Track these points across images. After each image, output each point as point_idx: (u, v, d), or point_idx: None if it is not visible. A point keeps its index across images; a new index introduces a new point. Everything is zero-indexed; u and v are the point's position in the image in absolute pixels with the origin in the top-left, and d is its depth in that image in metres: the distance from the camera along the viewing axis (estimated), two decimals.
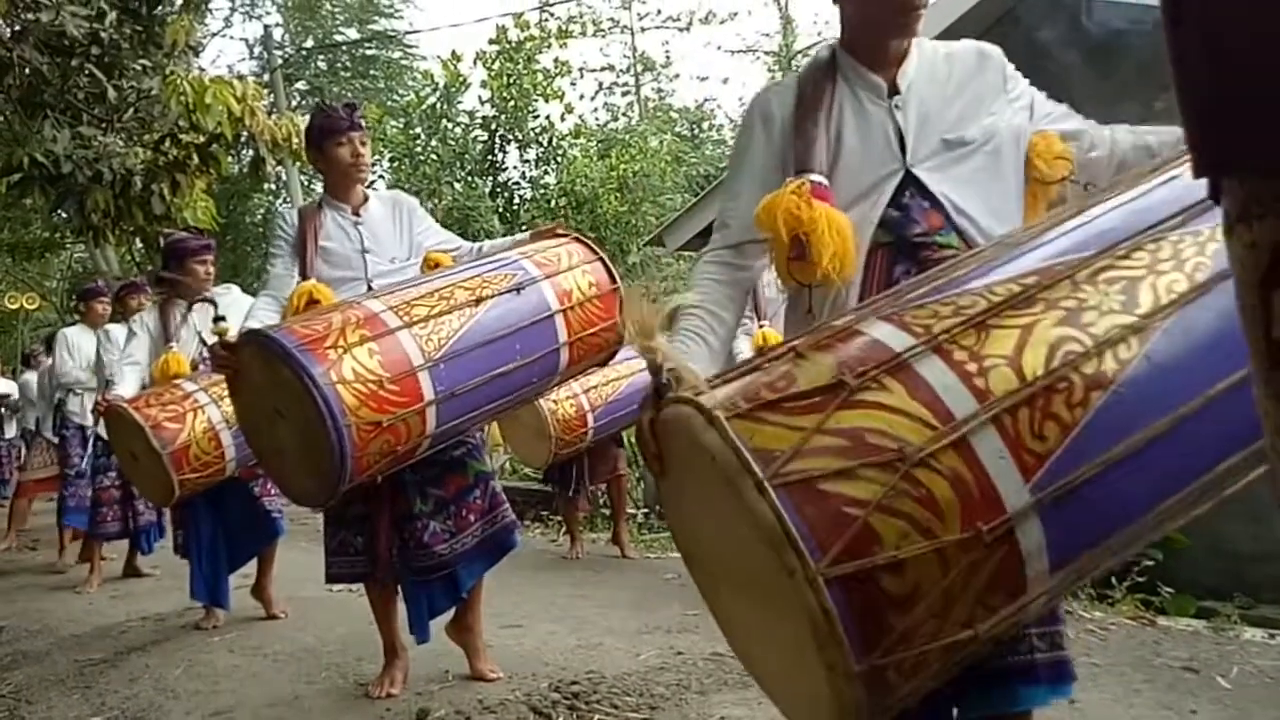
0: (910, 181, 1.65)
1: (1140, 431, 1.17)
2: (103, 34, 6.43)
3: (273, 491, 4.40)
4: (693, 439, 1.20)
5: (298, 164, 8.87)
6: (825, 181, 1.62)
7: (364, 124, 3.16)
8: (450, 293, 2.81)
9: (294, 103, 17.22)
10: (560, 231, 3.16)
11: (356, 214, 3.15)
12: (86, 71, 6.72)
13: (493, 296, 2.82)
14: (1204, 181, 0.59)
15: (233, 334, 3.10)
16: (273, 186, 15.86)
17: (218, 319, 4.17)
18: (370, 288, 3.07)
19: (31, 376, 9.11)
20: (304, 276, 3.05)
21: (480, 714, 2.83)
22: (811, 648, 1.10)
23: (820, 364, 1.23)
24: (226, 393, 3.99)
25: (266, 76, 14.67)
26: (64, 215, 7.56)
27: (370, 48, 18.39)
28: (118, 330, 5.84)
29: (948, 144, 1.66)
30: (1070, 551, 1.17)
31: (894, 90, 1.70)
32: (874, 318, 1.30)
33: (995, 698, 1.55)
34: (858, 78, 1.72)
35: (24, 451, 8.97)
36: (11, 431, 10.65)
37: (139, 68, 6.92)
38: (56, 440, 7.07)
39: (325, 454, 2.47)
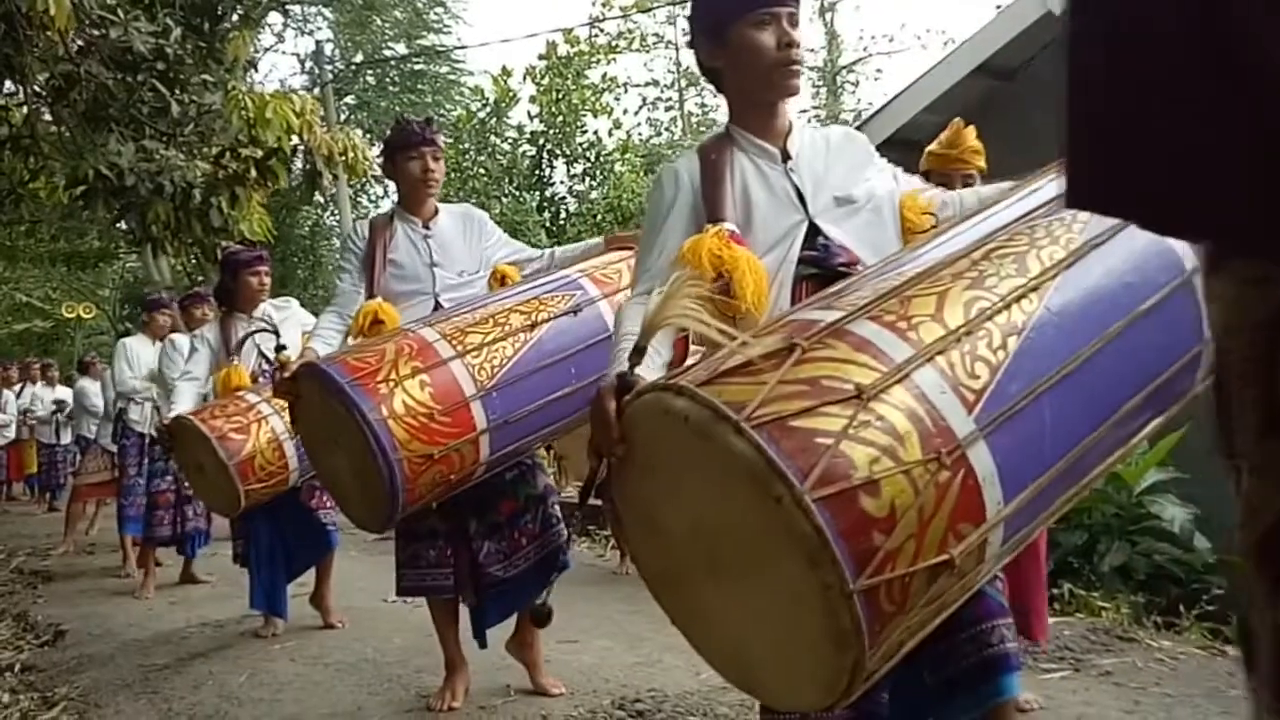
0: (817, 231, 1.84)
1: (1057, 366, 1.35)
2: (167, 50, 6.56)
3: (328, 504, 4.44)
4: (663, 411, 1.31)
5: (348, 177, 8.97)
6: (737, 230, 1.80)
7: (438, 140, 3.20)
8: (505, 318, 2.82)
9: (343, 117, 17.45)
10: (632, 243, 3.16)
11: (427, 227, 3.19)
12: (150, 86, 6.87)
13: (549, 320, 2.83)
14: (1056, 190, 0.60)
15: (294, 353, 3.15)
16: (321, 200, 16.06)
17: (279, 348, 4.22)
18: (438, 301, 3.11)
19: (87, 384, 9.28)
20: (370, 292, 3.09)
21: None
22: (805, 578, 1.17)
23: (768, 341, 1.37)
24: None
25: (317, 91, 14.88)
26: (126, 227, 7.72)
27: (419, 63, 18.57)
28: (182, 341, 5.94)
29: (838, 200, 1.88)
30: (1018, 480, 1.30)
31: (786, 156, 1.91)
32: (802, 310, 1.51)
33: (983, 693, 1.67)
34: (752, 146, 1.92)
35: (79, 457, 9.14)
36: (67, 438, 10.84)
37: (200, 82, 7.06)
38: (116, 449, 7.20)
39: (378, 486, 2.52)
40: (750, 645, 1.38)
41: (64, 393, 11.22)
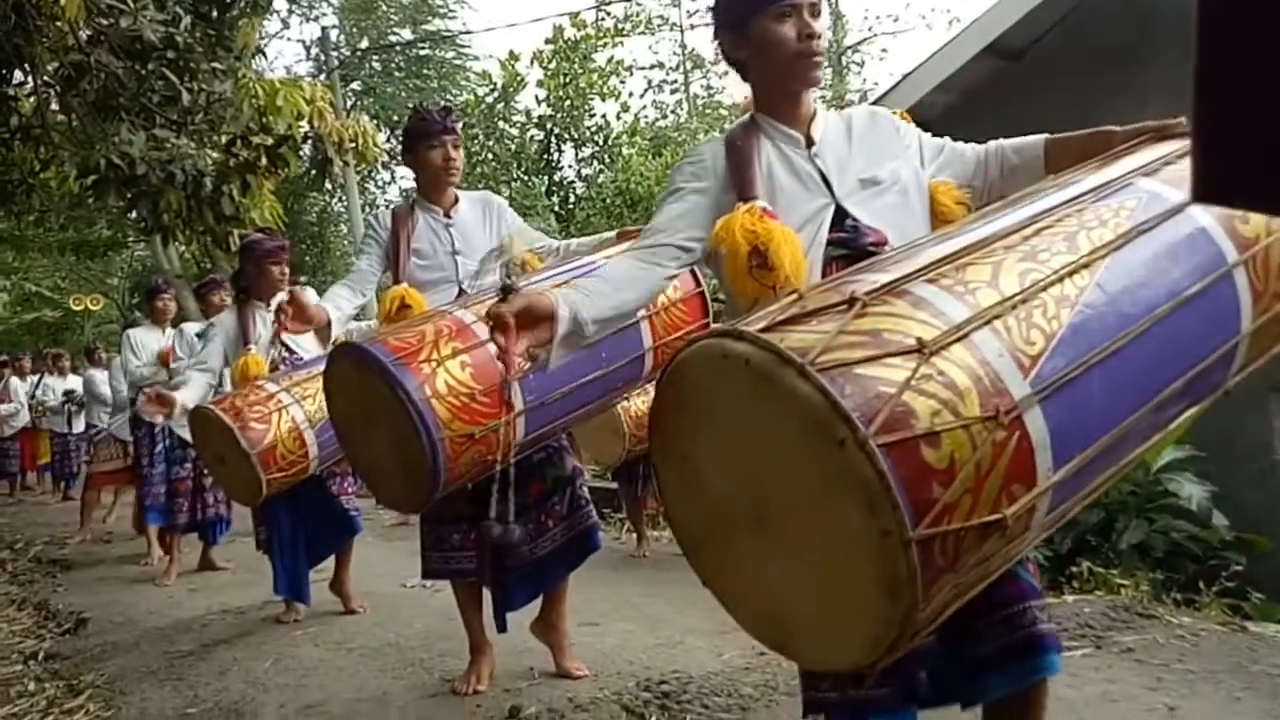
0: (844, 214, 1.86)
1: (1107, 341, 1.37)
2: (177, 38, 6.55)
3: (349, 489, 4.47)
4: (721, 355, 1.31)
5: (357, 164, 8.95)
6: (769, 207, 1.82)
7: (457, 128, 3.20)
8: None
9: (349, 104, 17.43)
10: None
11: (448, 215, 3.20)
12: (160, 75, 6.86)
13: None
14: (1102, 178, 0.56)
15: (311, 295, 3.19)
16: (330, 186, 16.06)
17: (294, 283, 4.28)
18: (461, 289, 3.13)
19: (95, 372, 9.33)
20: (396, 279, 3.11)
21: (573, 712, 2.86)
22: (863, 525, 1.17)
23: (825, 296, 1.39)
24: (309, 392, 4.09)
25: (323, 77, 14.85)
26: (137, 216, 7.73)
27: (424, 48, 18.51)
28: (192, 329, 5.95)
29: (864, 183, 1.90)
30: (1067, 450, 1.32)
31: (810, 142, 1.94)
32: (853, 273, 1.51)
33: (1017, 672, 1.71)
34: (777, 133, 1.95)
35: (90, 446, 9.19)
36: (79, 427, 10.87)
37: (210, 70, 7.05)
38: (130, 438, 7.25)
39: (419, 466, 2.53)
40: (792, 602, 1.38)
41: (75, 382, 11.26)
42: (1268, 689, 2.87)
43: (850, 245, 1.84)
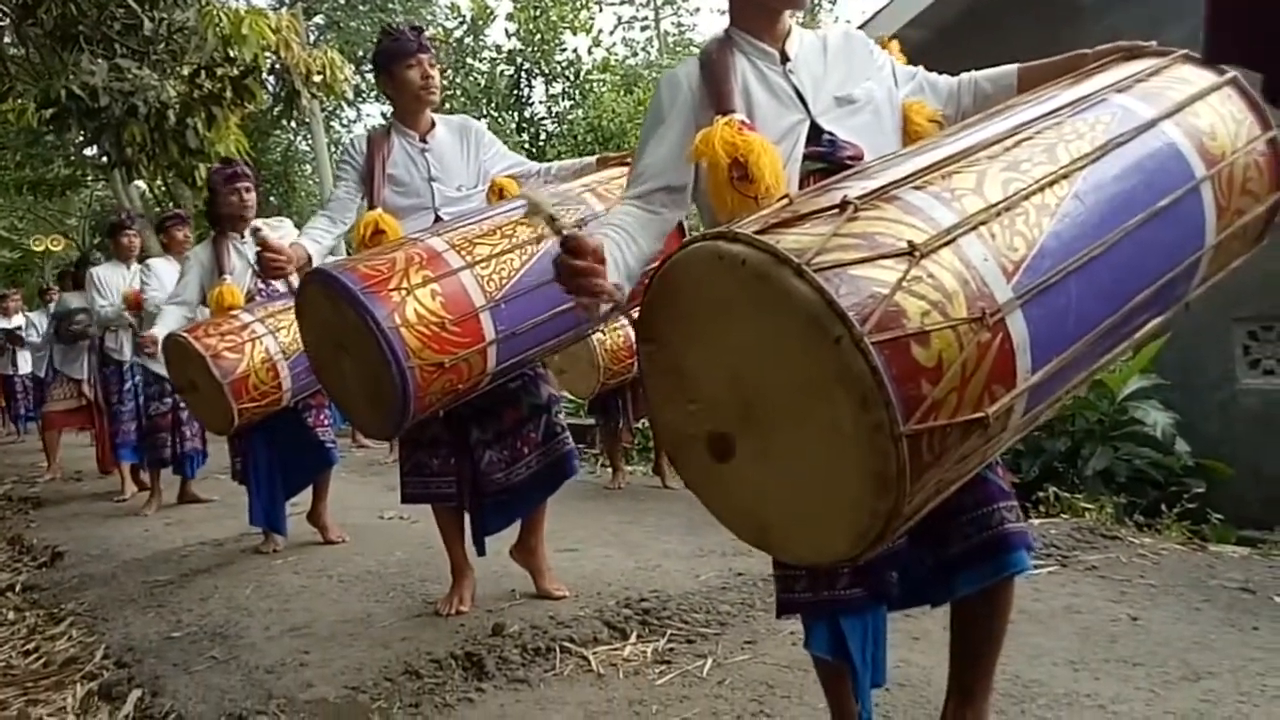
0: (819, 130, 1.87)
1: (1084, 249, 1.43)
2: None
3: (325, 422, 4.47)
4: (717, 256, 1.33)
5: (325, 96, 8.72)
6: (747, 120, 1.83)
7: (432, 48, 3.16)
8: (512, 230, 2.83)
9: (312, 38, 17.03)
10: (628, 161, 3.17)
11: (424, 140, 3.16)
12: (120, 2, 6.69)
13: None
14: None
15: (276, 235, 3.15)
16: (294, 124, 15.76)
17: (255, 230, 4.23)
18: (438, 215, 3.10)
19: (33, 315, 9.21)
20: (371, 205, 3.08)
21: (556, 628, 2.91)
22: (856, 420, 1.21)
23: (816, 200, 1.42)
24: (283, 324, 4.07)
25: (285, 10, 14.49)
26: (99, 150, 7.57)
27: None
28: (159, 264, 5.86)
29: (838, 100, 1.91)
30: (1045, 353, 1.37)
31: (785, 58, 1.94)
32: (842, 180, 1.54)
33: (985, 570, 1.77)
34: (752, 48, 1.95)
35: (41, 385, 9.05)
36: (26, 367, 10.56)
37: None
38: (83, 377, 7.21)
39: (389, 394, 2.54)
40: (778, 500, 1.41)
41: (19, 321, 10.98)
42: (1225, 601, 2.98)
43: (827, 159, 1.85)
